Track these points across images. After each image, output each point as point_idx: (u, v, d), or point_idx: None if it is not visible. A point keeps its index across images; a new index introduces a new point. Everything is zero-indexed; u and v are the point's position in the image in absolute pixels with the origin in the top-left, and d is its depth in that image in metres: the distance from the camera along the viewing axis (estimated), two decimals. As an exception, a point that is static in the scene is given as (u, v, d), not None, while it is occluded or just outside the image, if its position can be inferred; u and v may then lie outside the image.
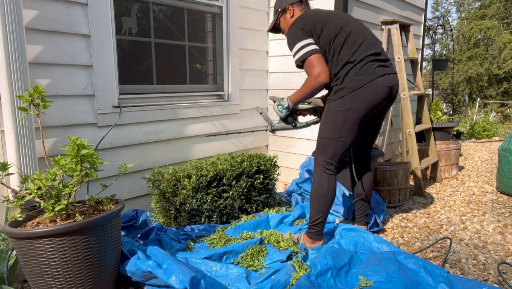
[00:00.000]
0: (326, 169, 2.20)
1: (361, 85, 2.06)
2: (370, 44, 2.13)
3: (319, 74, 2.07)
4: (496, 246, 2.48)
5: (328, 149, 2.18)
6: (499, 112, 11.83)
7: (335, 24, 2.13)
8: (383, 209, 2.82)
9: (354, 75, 2.08)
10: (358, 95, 2.07)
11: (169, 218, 2.58)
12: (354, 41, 2.11)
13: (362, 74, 2.07)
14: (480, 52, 14.18)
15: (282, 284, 1.84)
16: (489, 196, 3.51)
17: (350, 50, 2.09)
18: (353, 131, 2.14)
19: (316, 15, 2.18)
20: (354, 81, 2.07)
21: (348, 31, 2.12)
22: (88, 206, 1.98)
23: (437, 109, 5.37)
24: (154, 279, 1.83)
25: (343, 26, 2.12)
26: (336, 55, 2.11)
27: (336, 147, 2.16)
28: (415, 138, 3.64)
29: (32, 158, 2.06)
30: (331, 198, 2.23)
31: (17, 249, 1.71)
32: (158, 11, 3.03)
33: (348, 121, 2.11)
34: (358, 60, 2.08)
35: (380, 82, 2.09)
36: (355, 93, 2.07)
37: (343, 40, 2.10)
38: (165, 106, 2.92)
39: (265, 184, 2.92)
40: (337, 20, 2.15)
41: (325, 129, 2.19)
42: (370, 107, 2.11)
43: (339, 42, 2.10)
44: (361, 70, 2.07)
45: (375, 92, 2.08)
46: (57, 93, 2.32)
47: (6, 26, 1.90)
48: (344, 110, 2.10)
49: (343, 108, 2.10)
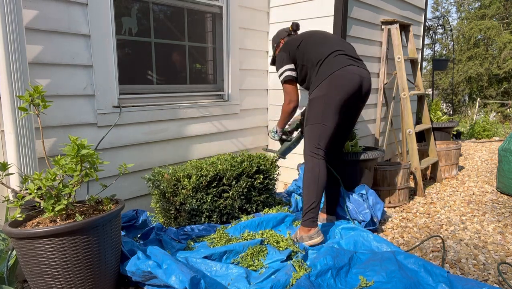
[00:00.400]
0: (315, 154, 2.35)
1: (332, 71, 2.30)
2: (341, 45, 2.45)
3: (290, 101, 2.55)
4: (496, 246, 2.48)
5: (314, 134, 2.35)
6: (499, 112, 11.84)
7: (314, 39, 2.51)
8: (381, 208, 2.82)
9: (326, 65, 2.35)
10: (332, 82, 2.30)
11: (169, 218, 2.58)
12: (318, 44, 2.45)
13: (332, 64, 2.34)
14: (480, 52, 14.19)
15: (282, 284, 1.84)
16: (489, 196, 3.51)
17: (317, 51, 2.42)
18: (333, 116, 2.31)
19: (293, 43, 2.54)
20: (326, 70, 2.33)
21: (322, 36, 2.52)
22: (88, 206, 1.98)
23: (437, 109, 5.36)
24: (154, 279, 1.83)
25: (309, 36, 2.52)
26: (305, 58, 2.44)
27: (320, 131, 2.33)
28: (415, 138, 3.63)
29: (32, 158, 2.06)
30: (323, 182, 2.33)
31: (17, 249, 1.71)
32: (158, 11, 3.03)
33: (327, 106, 2.30)
34: (327, 54, 2.38)
35: (350, 70, 2.32)
36: (328, 80, 2.30)
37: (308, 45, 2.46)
38: (165, 106, 2.92)
39: (265, 184, 2.92)
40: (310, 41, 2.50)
41: (308, 118, 2.39)
42: (344, 93, 2.30)
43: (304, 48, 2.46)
44: (331, 61, 2.35)
45: (347, 79, 2.30)
46: (57, 93, 2.32)
47: (6, 26, 1.90)
48: (322, 97, 2.31)
49: (320, 95, 2.32)
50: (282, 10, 3.64)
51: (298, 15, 3.53)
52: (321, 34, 2.58)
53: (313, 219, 2.33)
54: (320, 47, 2.44)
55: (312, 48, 2.45)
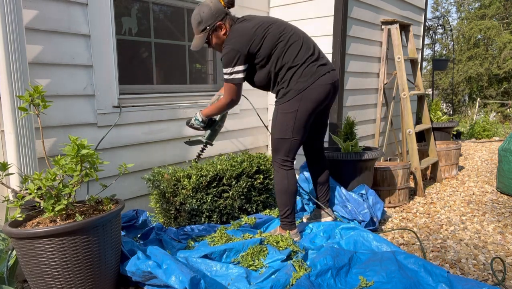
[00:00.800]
0: (283, 166, 2.35)
1: (305, 87, 2.22)
2: (308, 46, 2.28)
3: (233, 101, 2.32)
4: (496, 246, 2.48)
5: (283, 148, 2.32)
6: (499, 112, 11.84)
7: (273, 35, 2.23)
8: (381, 208, 2.82)
9: (298, 77, 2.23)
10: (304, 96, 2.23)
11: (169, 218, 2.58)
12: (294, 46, 2.24)
13: (305, 76, 2.23)
14: (480, 52, 14.19)
15: (282, 284, 1.84)
16: (489, 196, 3.51)
17: (291, 55, 2.24)
18: (304, 129, 2.31)
19: (251, 31, 2.21)
20: (299, 83, 2.23)
21: (288, 37, 2.25)
22: (88, 206, 1.98)
23: (437, 109, 5.36)
24: (154, 279, 1.83)
25: (281, 34, 2.24)
26: (279, 61, 2.25)
27: (290, 145, 2.32)
28: (415, 138, 3.64)
29: (32, 158, 2.06)
30: (293, 190, 2.37)
31: (17, 249, 1.71)
32: (158, 11, 3.03)
33: (298, 121, 2.26)
34: (300, 63, 2.23)
35: (323, 81, 2.25)
36: (301, 95, 2.23)
37: (284, 46, 2.23)
38: (165, 106, 2.92)
39: (265, 184, 2.92)
40: (274, 29, 2.24)
41: (277, 131, 2.32)
42: (317, 104, 2.27)
43: (281, 49, 2.23)
44: (304, 72, 2.23)
45: (319, 92, 2.25)
46: (57, 93, 2.32)
47: (6, 26, 1.90)
48: (293, 112, 2.25)
49: (292, 111, 2.25)
50: (282, 10, 3.64)
51: (298, 15, 3.54)
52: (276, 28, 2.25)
53: (291, 222, 2.41)
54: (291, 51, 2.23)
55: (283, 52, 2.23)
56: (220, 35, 2.28)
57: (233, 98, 2.31)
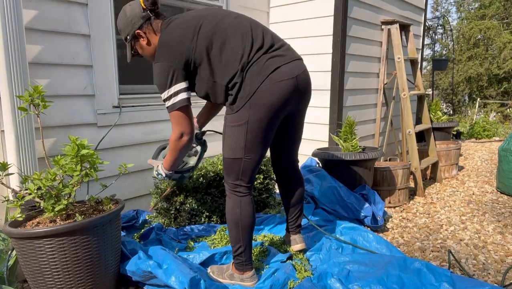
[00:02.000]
0: (235, 191, 1.85)
1: (253, 91, 1.70)
2: (255, 37, 1.77)
3: (182, 134, 1.82)
4: (496, 246, 2.48)
5: (234, 169, 1.82)
6: (499, 112, 11.84)
7: (206, 34, 1.74)
8: (382, 208, 2.83)
9: (245, 81, 1.73)
10: (253, 102, 1.71)
11: (169, 218, 2.57)
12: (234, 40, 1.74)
13: (251, 75, 1.72)
14: (480, 52, 14.19)
15: (281, 283, 1.84)
16: (489, 196, 3.51)
17: (232, 55, 1.73)
18: (260, 145, 1.79)
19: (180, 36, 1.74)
20: (245, 87, 1.73)
21: (224, 35, 1.74)
22: (88, 206, 1.98)
23: (437, 109, 5.36)
24: (154, 279, 1.83)
25: (214, 32, 1.74)
26: (220, 64, 1.75)
27: (242, 166, 1.80)
28: (415, 138, 3.64)
29: (32, 158, 2.06)
30: (247, 224, 1.85)
31: (17, 249, 1.71)
32: (158, 11, 3.02)
33: (250, 136, 1.75)
34: (245, 63, 1.72)
35: (277, 77, 1.70)
36: (249, 103, 1.72)
37: (221, 48, 1.74)
38: (165, 106, 2.91)
39: (265, 184, 2.92)
40: (206, 27, 1.75)
41: (226, 148, 1.82)
42: (275, 110, 1.74)
43: (217, 51, 1.74)
44: (250, 72, 1.72)
45: (274, 93, 1.71)
46: (57, 93, 2.32)
47: (6, 26, 1.90)
48: (242, 125, 1.74)
49: (240, 123, 1.75)
50: (282, 10, 3.64)
51: (298, 15, 3.54)
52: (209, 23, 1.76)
53: (244, 263, 1.90)
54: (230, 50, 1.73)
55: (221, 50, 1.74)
56: (143, 45, 1.87)
57: (182, 130, 1.81)
